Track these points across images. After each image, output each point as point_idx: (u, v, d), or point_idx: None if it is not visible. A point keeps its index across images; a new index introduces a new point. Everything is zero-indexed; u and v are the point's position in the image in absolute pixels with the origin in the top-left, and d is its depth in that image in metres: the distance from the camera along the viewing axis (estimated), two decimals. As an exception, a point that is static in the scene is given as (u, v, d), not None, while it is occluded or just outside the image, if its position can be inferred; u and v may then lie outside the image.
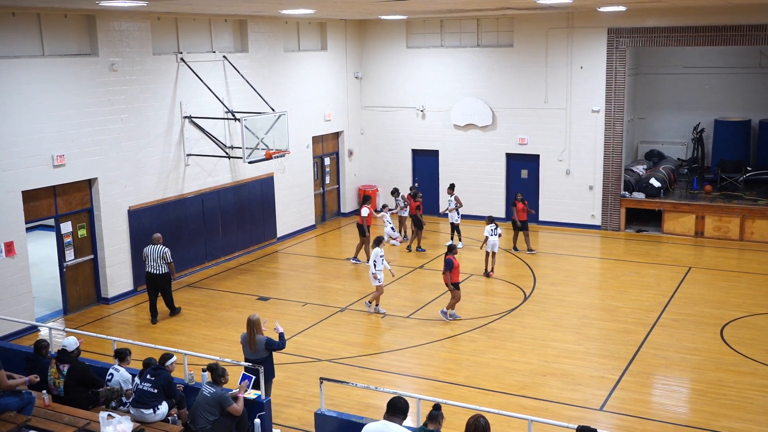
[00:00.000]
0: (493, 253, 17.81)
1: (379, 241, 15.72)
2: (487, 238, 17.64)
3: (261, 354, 10.56)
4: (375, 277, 15.37)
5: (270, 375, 10.66)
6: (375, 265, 15.36)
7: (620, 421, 10.96)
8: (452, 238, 19.88)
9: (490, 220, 17.95)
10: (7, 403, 9.42)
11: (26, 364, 10.67)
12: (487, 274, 17.75)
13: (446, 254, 14.92)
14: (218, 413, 9.46)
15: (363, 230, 19.07)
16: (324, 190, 23.71)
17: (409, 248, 20.22)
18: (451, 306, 14.96)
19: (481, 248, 18.03)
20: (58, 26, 15.19)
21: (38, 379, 10.00)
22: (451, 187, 20.60)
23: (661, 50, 24.24)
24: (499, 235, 18.04)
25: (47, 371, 10.32)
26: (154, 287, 15.25)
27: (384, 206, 21.17)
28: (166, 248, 15.20)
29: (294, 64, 21.47)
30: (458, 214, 20.17)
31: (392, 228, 20.54)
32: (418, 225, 20.04)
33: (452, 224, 20.20)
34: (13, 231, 14.35)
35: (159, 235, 15.45)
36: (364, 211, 19.15)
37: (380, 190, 24.72)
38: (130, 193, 16.69)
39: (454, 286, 14.80)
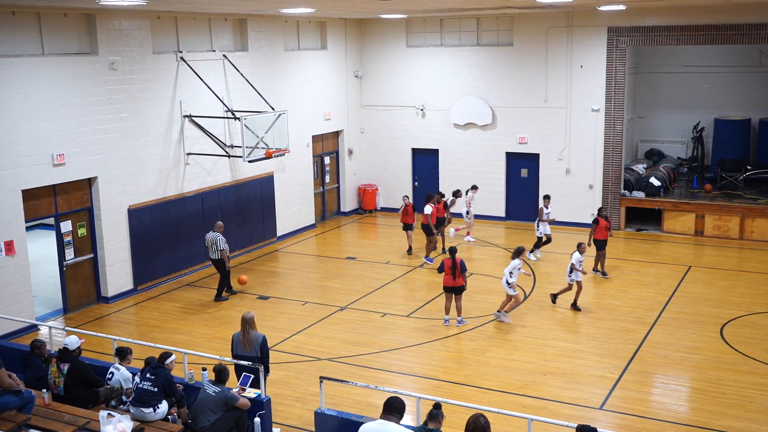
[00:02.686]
0: (578, 284, 15.31)
1: (519, 252, 14.66)
2: (573, 266, 15.16)
3: (256, 352, 10.52)
4: (510, 286, 14.52)
5: (265, 372, 10.59)
6: (511, 275, 14.45)
7: (620, 420, 10.97)
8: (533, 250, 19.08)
9: (582, 249, 15.33)
10: (8, 402, 9.41)
11: (23, 363, 10.70)
12: (574, 307, 15.37)
13: (450, 256, 14.38)
14: (221, 412, 9.48)
15: (430, 229, 18.82)
16: (324, 189, 23.71)
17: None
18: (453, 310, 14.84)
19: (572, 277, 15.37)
20: (58, 25, 15.18)
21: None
22: (547, 197, 19.14)
23: (661, 49, 24.24)
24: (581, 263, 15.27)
25: (43, 370, 10.32)
26: (217, 270, 16.51)
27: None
28: (220, 236, 16.12)
29: (294, 63, 21.47)
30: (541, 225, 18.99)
31: (467, 212, 20.61)
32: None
33: (542, 237, 18.88)
34: (13, 230, 14.35)
35: (221, 223, 16.45)
36: (428, 209, 18.89)
37: (380, 189, 24.74)
38: (129, 192, 16.69)
39: (452, 290, 14.44)
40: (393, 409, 7.49)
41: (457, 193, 20.61)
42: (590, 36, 21.17)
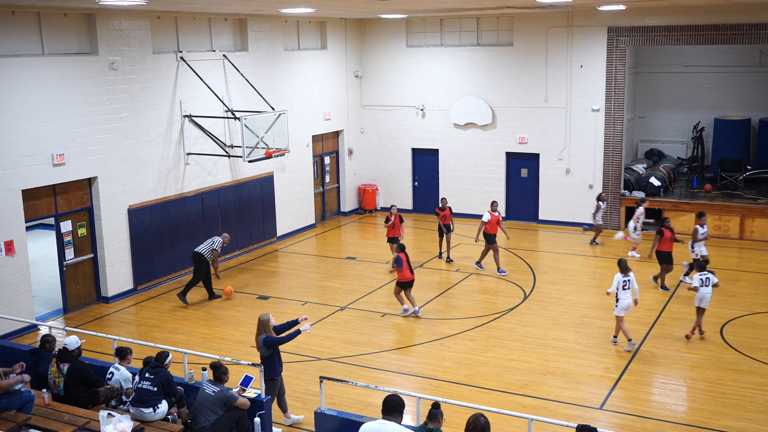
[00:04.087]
0: (701, 310, 13.71)
1: (624, 267, 13.41)
2: (697, 288, 13.61)
3: (263, 353, 10.54)
4: (620, 308, 13.28)
5: (269, 374, 10.59)
6: (618, 292, 13.27)
7: (620, 420, 10.96)
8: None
9: (701, 266, 13.89)
10: (8, 404, 9.40)
11: (32, 358, 10.70)
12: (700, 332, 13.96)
13: (398, 252, 15.08)
14: (220, 412, 9.48)
15: (489, 237, 17.79)
16: (324, 189, 23.71)
17: (440, 255, 19.36)
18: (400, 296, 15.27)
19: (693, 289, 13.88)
20: (58, 25, 15.18)
21: (27, 377, 9.85)
22: (701, 215, 17.14)
23: (661, 49, 24.25)
24: (715, 285, 13.64)
25: (48, 367, 10.33)
26: (193, 266, 16.41)
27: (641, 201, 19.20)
28: (217, 238, 16.36)
29: (294, 62, 21.47)
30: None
31: (635, 228, 18.88)
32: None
33: (698, 258, 16.19)
34: (12, 230, 14.35)
35: (227, 235, 16.75)
36: (486, 217, 17.79)
37: (380, 189, 24.75)
38: (130, 191, 16.69)
39: (402, 285, 15.03)
40: (392, 408, 7.49)
41: (601, 197, 19.94)
42: (590, 36, 21.17)
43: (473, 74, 22.79)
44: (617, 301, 13.26)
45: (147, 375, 9.61)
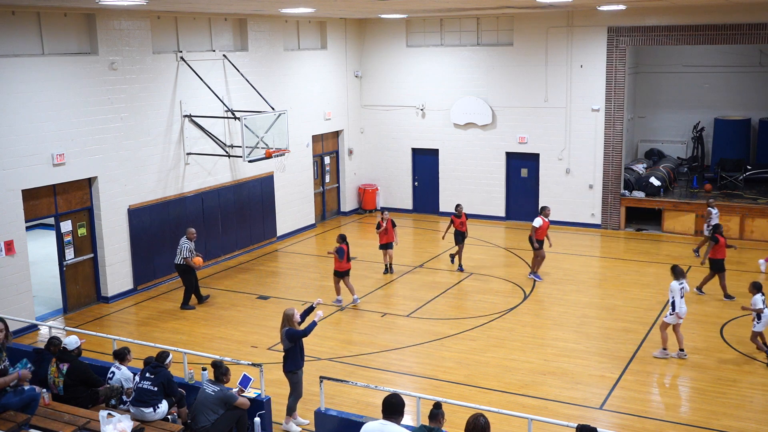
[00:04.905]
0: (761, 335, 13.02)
1: (679, 273, 12.90)
2: (761, 311, 12.82)
3: (286, 345, 10.56)
4: (675, 315, 12.80)
5: (291, 366, 10.61)
6: (674, 303, 12.76)
7: (620, 420, 10.96)
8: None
9: (756, 288, 13.04)
10: (7, 403, 9.38)
11: (36, 357, 10.69)
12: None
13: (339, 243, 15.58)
14: (221, 412, 9.48)
15: (535, 244, 17.04)
16: (324, 188, 23.71)
17: (454, 261, 18.60)
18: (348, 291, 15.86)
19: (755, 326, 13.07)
20: (58, 25, 15.18)
21: (29, 374, 9.73)
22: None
23: (660, 49, 24.25)
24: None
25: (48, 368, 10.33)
26: (180, 277, 16.18)
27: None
28: (186, 242, 15.79)
29: (294, 62, 21.47)
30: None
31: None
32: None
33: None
34: (12, 230, 14.35)
35: (192, 229, 16.09)
36: (537, 222, 17.03)
37: (380, 189, 24.74)
38: (130, 191, 16.69)
39: (339, 275, 15.66)
40: (393, 408, 7.49)
41: (711, 203, 18.45)
42: (590, 36, 21.17)
43: (473, 74, 22.79)
44: (673, 308, 12.73)
45: (147, 375, 9.61)
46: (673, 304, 12.76)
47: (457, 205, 18.33)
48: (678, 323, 12.90)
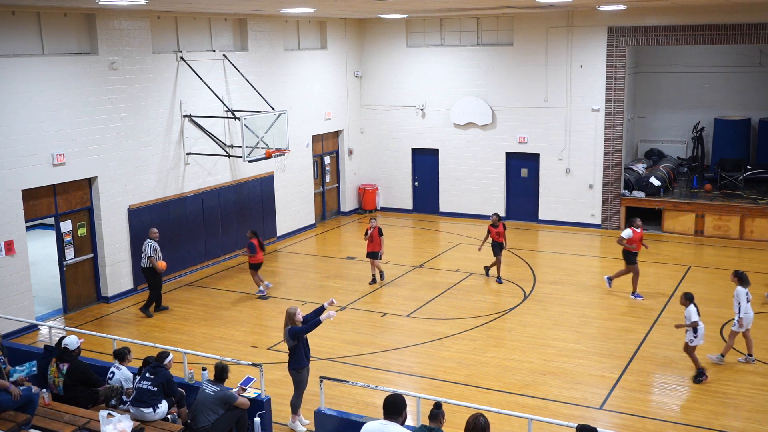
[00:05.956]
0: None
1: (746, 279, 12.47)
2: (696, 324, 12.12)
3: (289, 343, 10.56)
4: (740, 321, 12.38)
5: (296, 364, 10.64)
6: (740, 308, 12.33)
7: (620, 420, 10.97)
8: None
9: (688, 299, 12.24)
10: (2, 401, 9.36)
11: (44, 352, 10.67)
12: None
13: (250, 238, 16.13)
14: (221, 411, 9.48)
15: (629, 257, 15.80)
16: (324, 188, 23.71)
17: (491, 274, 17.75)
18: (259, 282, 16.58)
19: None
20: (58, 25, 15.18)
21: (18, 392, 9.46)
22: None
23: (660, 49, 24.25)
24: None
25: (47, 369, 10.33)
26: (146, 280, 15.81)
27: None
28: (151, 242, 15.33)
29: (294, 62, 21.47)
30: None
31: None
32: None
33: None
34: (13, 230, 14.35)
35: (155, 229, 15.63)
36: (626, 233, 15.71)
37: (380, 189, 24.74)
38: (130, 191, 16.69)
39: (256, 267, 16.49)
40: (393, 408, 7.49)
41: None
42: (590, 36, 21.17)
43: (473, 74, 22.79)
44: (738, 313, 12.31)
45: (147, 375, 9.61)
46: (739, 309, 12.34)
47: (494, 214, 17.17)
48: (747, 329, 12.51)
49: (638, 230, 15.82)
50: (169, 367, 9.86)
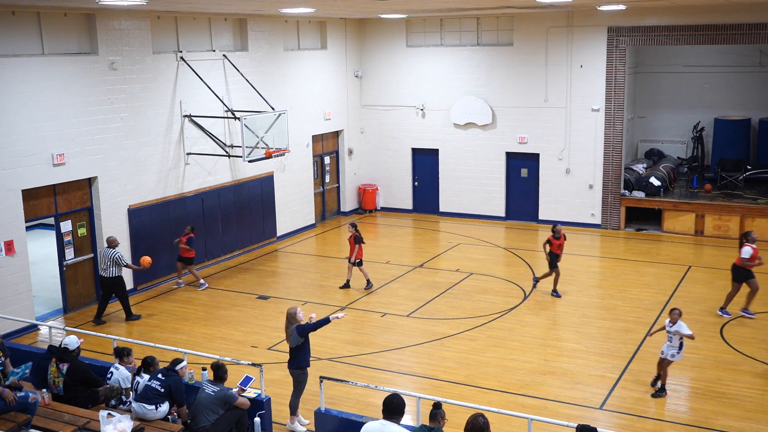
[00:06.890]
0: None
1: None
2: (692, 337, 11.78)
3: (295, 342, 10.56)
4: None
5: (300, 363, 10.66)
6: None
7: (620, 420, 10.97)
8: None
9: (679, 314, 11.75)
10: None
11: (48, 352, 10.63)
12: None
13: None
14: (221, 411, 9.48)
15: (741, 275, 14.40)
16: (324, 188, 23.71)
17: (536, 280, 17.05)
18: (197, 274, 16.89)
19: None
20: (58, 25, 15.18)
21: (12, 396, 9.40)
22: None
23: (660, 49, 24.25)
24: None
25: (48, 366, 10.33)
26: (107, 291, 15.20)
27: None
28: (115, 252, 14.93)
29: (294, 62, 21.47)
30: None
31: None
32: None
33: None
34: (12, 230, 14.34)
35: (114, 237, 15.22)
36: (746, 252, 14.26)
37: (380, 189, 24.74)
38: (130, 191, 16.69)
39: (188, 261, 16.98)
40: (393, 408, 7.50)
41: None
42: (590, 36, 21.17)
43: (473, 74, 22.79)
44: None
45: (159, 376, 9.65)
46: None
47: (555, 225, 16.37)
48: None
49: (754, 245, 14.35)
50: (182, 374, 9.88)
